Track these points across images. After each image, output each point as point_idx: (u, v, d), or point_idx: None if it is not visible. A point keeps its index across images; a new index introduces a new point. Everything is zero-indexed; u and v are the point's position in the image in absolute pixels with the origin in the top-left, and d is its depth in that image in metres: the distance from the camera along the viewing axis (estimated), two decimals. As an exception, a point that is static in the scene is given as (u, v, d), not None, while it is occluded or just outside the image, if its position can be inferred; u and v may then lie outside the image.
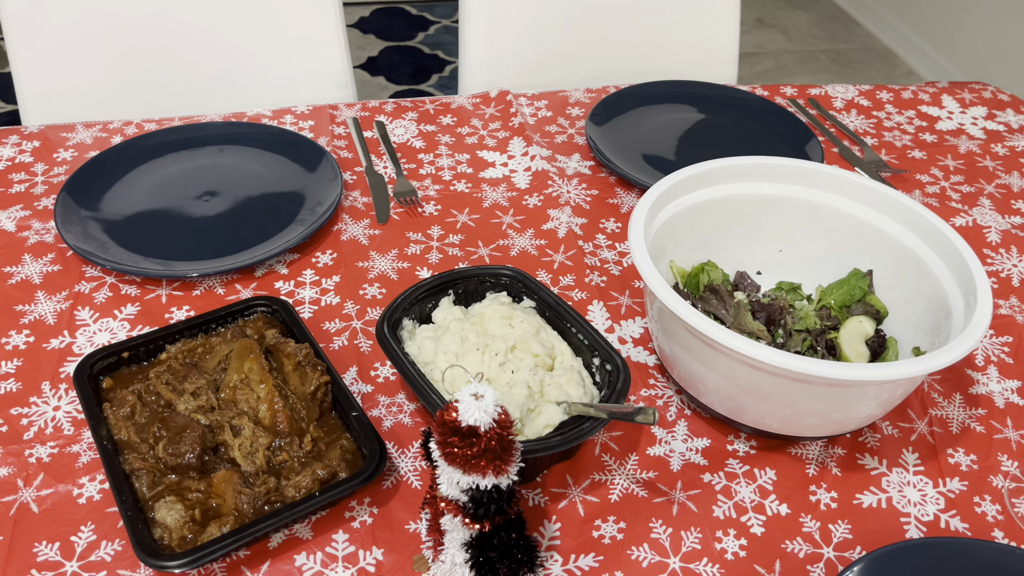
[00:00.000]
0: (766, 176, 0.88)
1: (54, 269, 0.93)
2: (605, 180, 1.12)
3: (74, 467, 0.72)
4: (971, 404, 0.83)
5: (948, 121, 1.30)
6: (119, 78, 1.31)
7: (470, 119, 1.23)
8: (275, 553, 0.67)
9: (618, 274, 0.97)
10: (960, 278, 0.76)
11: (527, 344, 0.76)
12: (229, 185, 1.06)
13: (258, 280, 0.93)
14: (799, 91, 1.34)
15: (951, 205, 1.11)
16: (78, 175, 1.02)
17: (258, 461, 0.70)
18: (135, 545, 0.62)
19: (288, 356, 0.78)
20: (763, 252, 0.91)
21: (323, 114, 1.21)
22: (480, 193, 1.08)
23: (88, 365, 0.76)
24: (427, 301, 0.82)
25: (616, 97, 1.25)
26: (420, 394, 0.70)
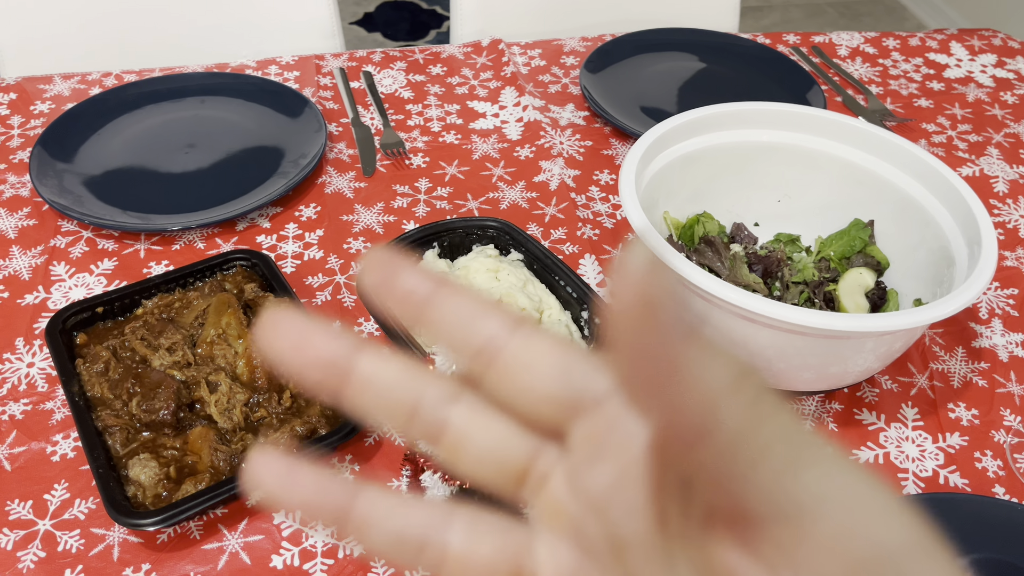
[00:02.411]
0: (764, 123, 0.84)
1: (29, 224, 0.90)
2: (600, 131, 1.09)
3: (47, 424, 0.70)
4: (973, 358, 0.81)
5: (956, 69, 1.25)
6: (99, 28, 1.27)
7: (460, 69, 1.19)
8: (253, 511, 0.65)
9: (611, 227, 0.94)
10: (964, 225, 0.73)
11: (513, 297, 0.73)
12: (210, 137, 1.02)
13: (239, 234, 0.90)
14: (802, 39, 1.29)
15: (958, 155, 1.07)
16: (54, 127, 0.99)
17: (235, 418, 0.68)
18: (107, 503, 0.60)
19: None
20: (760, 202, 0.88)
21: (309, 64, 1.17)
22: (470, 145, 1.05)
23: (61, 320, 0.73)
24: (411, 254, 0.79)
25: (612, 45, 1.20)
26: (401, 349, 0.67)
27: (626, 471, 0.22)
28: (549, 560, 0.24)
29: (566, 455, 0.23)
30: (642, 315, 0.18)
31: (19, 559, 0.61)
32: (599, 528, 0.23)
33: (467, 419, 0.23)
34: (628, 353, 0.19)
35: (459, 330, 0.22)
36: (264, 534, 0.64)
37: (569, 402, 0.22)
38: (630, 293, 0.18)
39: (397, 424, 0.23)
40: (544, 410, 0.22)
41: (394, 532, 0.23)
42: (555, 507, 0.24)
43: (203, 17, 1.29)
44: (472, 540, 0.24)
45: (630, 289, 0.18)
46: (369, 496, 0.23)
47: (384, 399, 0.23)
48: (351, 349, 0.23)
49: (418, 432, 0.23)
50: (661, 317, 0.18)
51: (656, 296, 0.18)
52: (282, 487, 0.23)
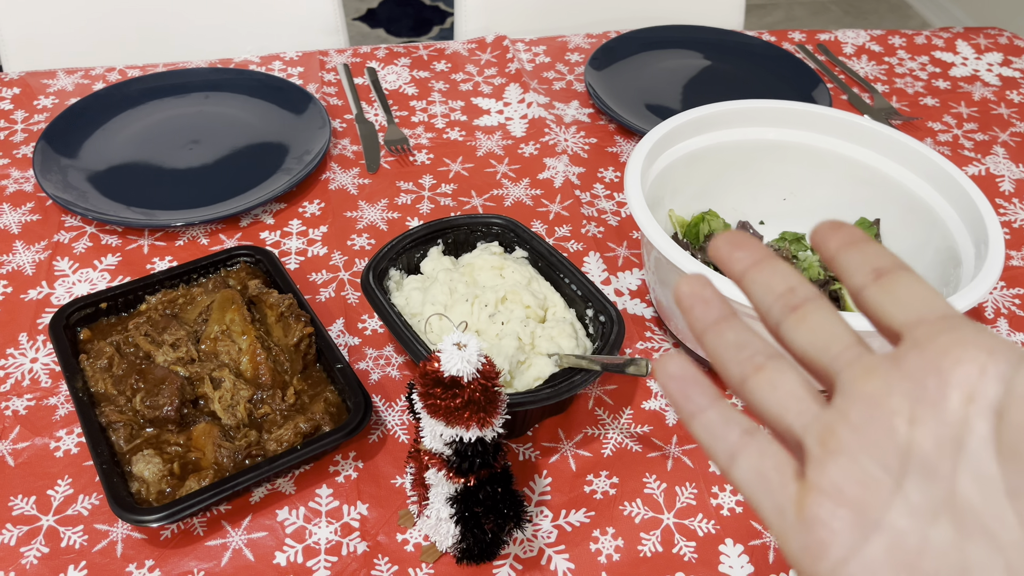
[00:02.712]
0: (769, 121, 0.84)
1: (33, 219, 0.90)
2: (604, 128, 1.08)
3: (51, 420, 0.70)
4: (979, 358, 0.80)
5: (962, 67, 1.25)
6: (103, 24, 1.26)
7: (465, 65, 1.18)
8: (257, 508, 0.65)
9: (616, 225, 0.94)
10: (971, 225, 0.73)
11: (518, 295, 0.73)
12: (214, 133, 1.02)
13: (243, 230, 0.90)
14: (808, 37, 1.29)
15: (964, 154, 1.07)
16: (57, 122, 0.98)
17: (239, 414, 0.68)
18: (110, 499, 0.60)
19: (271, 307, 0.75)
20: (766, 201, 0.88)
21: (312, 60, 1.17)
22: (474, 141, 1.04)
23: (65, 316, 0.73)
24: (415, 251, 0.79)
25: (617, 42, 1.20)
26: (406, 345, 0.67)
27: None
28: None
29: (896, 353, 0.29)
30: None
31: (22, 555, 0.61)
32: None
33: (817, 305, 0.30)
34: None
35: (868, 258, 0.30)
36: (268, 531, 0.63)
37: (920, 315, 0.28)
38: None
39: (768, 297, 0.31)
40: (902, 316, 0.29)
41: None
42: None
43: (207, 13, 1.29)
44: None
45: None
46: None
47: (772, 280, 0.32)
48: (767, 254, 0.32)
49: (781, 305, 0.31)
50: None
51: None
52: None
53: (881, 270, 0.30)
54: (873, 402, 0.27)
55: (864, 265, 0.30)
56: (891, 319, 0.29)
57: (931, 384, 0.26)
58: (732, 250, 0.33)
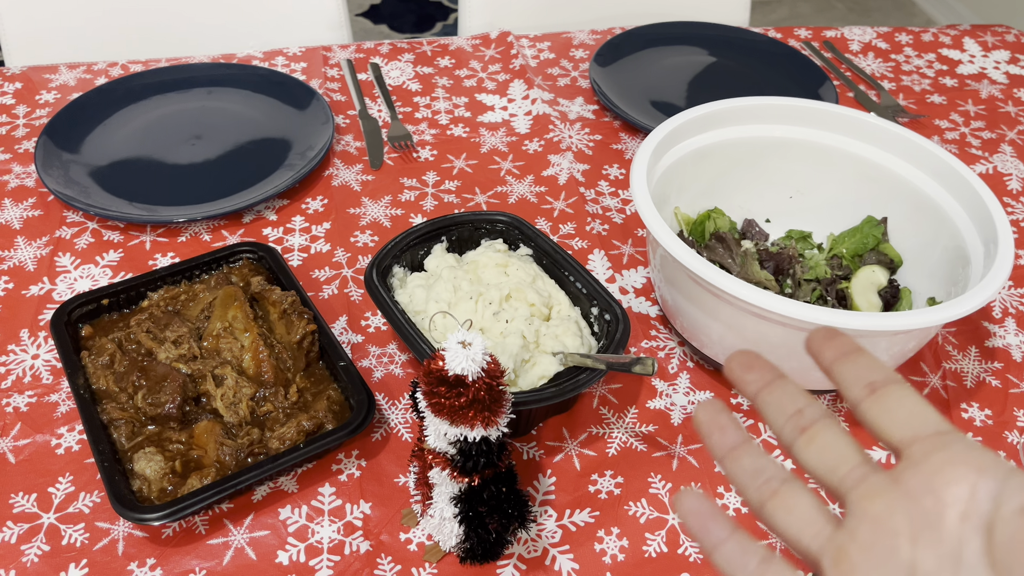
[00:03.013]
0: (776, 118, 0.83)
1: (34, 214, 0.89)
2: (609, 125, 1.08)
3: (52, 417, 0.70)
4: (987, 357, 0.80)
5: (969, 65, 1.24)
6: (106, 19, 1.26)
7: (469, 61, 1.18)
8: (259, 506, 0.65)
9: (620, 222, 0.93)
10: (980, 225, 0.72)
11: (522, 293, 0.72)
12: (217, 128, 1.02)
13: (246, 226, 0.89)
14: (814, 33, 1.28)
15: (971, 152, 1.06)
16: (59, 117, 0.98)
17: (241, 412, 0.68)
18: (111, 497, 0.59)
19: (273, 304, 0.75)
20: (772, 198, 0.87)
21: (316, 56, 1.16)
22: (478, 138, 1.04)
23: (66, 312, 0.73)
24: (419, 248, 0.78)
25: (622, 38, 1.19)
26: (409, 343, 0.67)
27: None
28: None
29: (896, 477, 0.31)
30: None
31: (23, 553, 0.61)
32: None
33: (826, 425, 0.34)
34: None
35: (862, 372, 0.34)
36: (270, 530, 0.63)
37: (915, 431, 0.32)
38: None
39: (780, 419, 0.35)
40: (897, 431, 0.32)
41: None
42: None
43: (210, 8, 1.29)
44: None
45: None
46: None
47: (782, 401, 0.35)
48: (776, 375, 0.36)
49: (791, 427, 0.34)
50: None
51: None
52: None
53: (875, 384, 0.33)
54: (878, 523, 0.30)
55: (858, 379, 0.33)
56: (888, 436, 0.32)
57: (928, 504, 0.29)
58: (744, 372, 0.36)
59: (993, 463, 0.29)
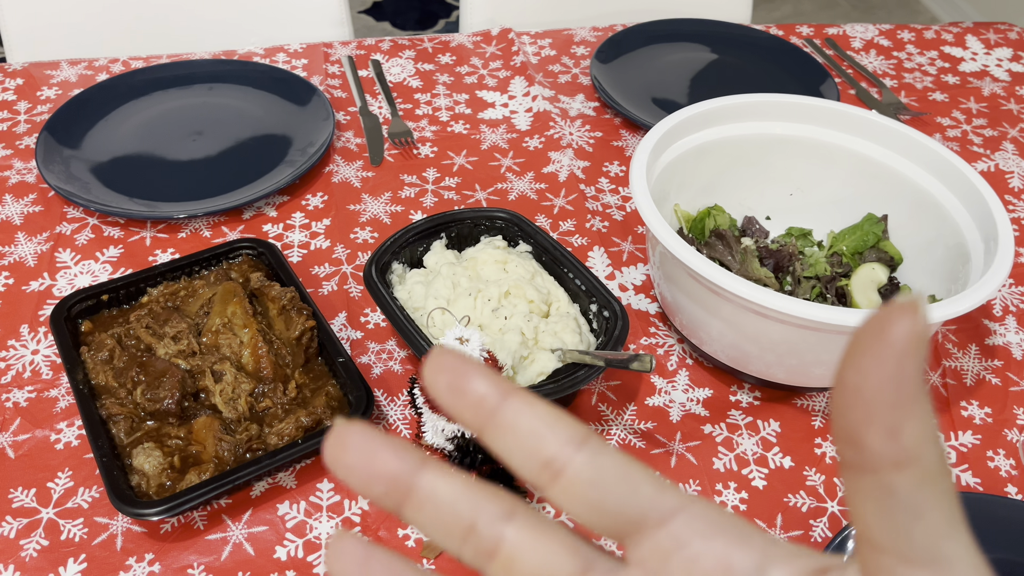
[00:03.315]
0: (776, 115, 0.83)
1: (35, 210, 0.89)
2: (610, 122, 1.08)
3: (52, 412, 0.70)
4: (987, 355, 0.80)
5: (972, 62, 1.24)
6: (107, 15, 1.26)
7: (470, 58, 1.17)
8: (257, 502, 0.65)
9: (620, 219, 0.93)
10: (980, 222, 0.72)
11: (522, 289, 0.72)
12: (217, 124, 1.02)
13: (246, 223, 0.89)
14: (816, 31, 1.28)
15: (973, 149, 1.06)
16: (60, 113, 0.98)
17: (240, 407, 0.68)
18: (110, 492, 0.60)
19: (273, 300, 0.75)
20: (772, 196, 0.87)
21: (317, 52, 1.16)
22: (479, 135, 1.04)
23: (66, 307, 0.73)
24: (418, 244, 0.78)
25: (623, 35, 1.19)
26: (408, 340, 0.67)
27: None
28: None
29: (620, 572, 0.23)
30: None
31: (22, 547, 0.61)
32: None
33: (520, 537, 0.23)
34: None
35: (527, 442, 0.23)
36: (268, 525, 0.63)
37: (634, 519, 0.23)
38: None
39: (453, 542, 0.24)
40: (608, 525, 0.23)
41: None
42: None
43: (211, 4, 1.29)
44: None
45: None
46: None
47: (442, 516, 0.23)
48: (414, 466, 0.23)
49: (472, 551, 0.24)
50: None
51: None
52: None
53: (553, 463, 0.23)
54: None
55: (530, 456, 0.23)
56: (604, 529, 0.23)
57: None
58: (365, 479, 0.23)
59: (750, 534, 0.23)
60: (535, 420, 0.23)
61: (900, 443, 0.20)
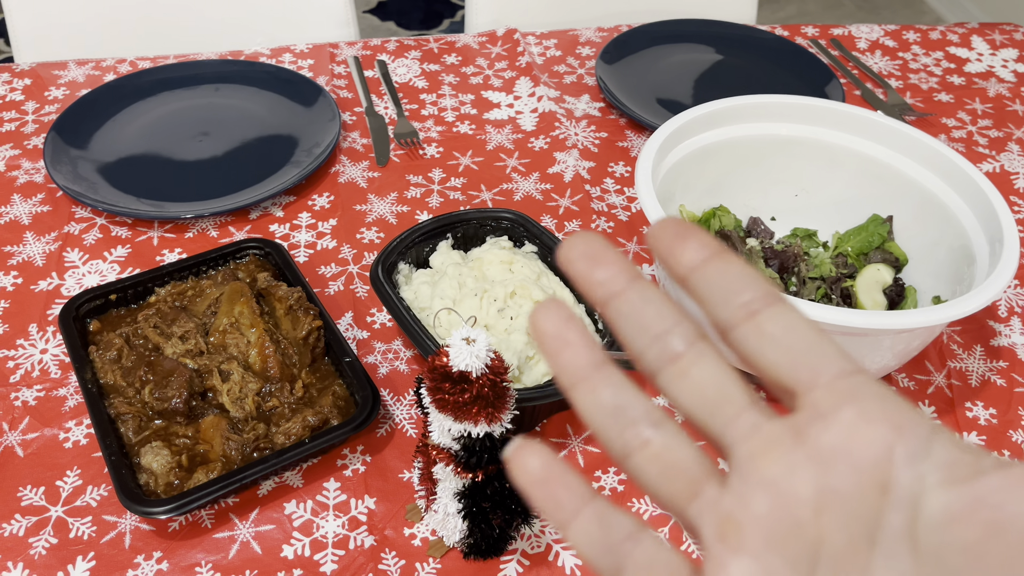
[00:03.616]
0: (782, 116, 0.83)
1: (43, 210, 0.90)
2: (615, 122, 1.08)
3: (60, 411, 0.70)
4: (992, 356, 0.80)
5: (977, 63, 1.24)
6: (114, 16, 1.26)
7: (475, 58, 1.18)
8: (264, 501, 0.65)
9: (626, 220, 0.94)
10: (986, 223, 0.72)
11: (527, 290, 0.73)
12: (224, 125, 1.02)
13: (252, 223, 0.90)
14: (821, 31, 1.28)
15: (978, 150, 1.06)
16: (68, 113, 0.99)
17: (247, 407, 0.68)
18: (119, 491, 0.60)
19: (280, 300, 0.75)
20: (778, 197, 0.87)
21: (323, 53, 1.17)
22: (484, 135, 1.04)
23: (74, 307, 0.73)
24: (424, 245, 0.79)
25: (628, 36, 1.19)
26: (414, 340, 0.67)
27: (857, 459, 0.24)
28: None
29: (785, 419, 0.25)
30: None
31: (31, 545, 0.61)
32: (801, 532, 0.24)
33: (702, 357, 0.26)
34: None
35: (731, 286, 0.26)
36: (275, 524, 0.63)
37: (812, 370, 0.25)
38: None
39: (641, 340, 0.27)
40: (785, 368, 0.25)
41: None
42: (737, 520, 0.25)
43: (218, 4, 1.29)
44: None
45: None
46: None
47: (641, 315, 0.27)
48: (631, 276, 0.27)
49: (655, 352, 0.26)
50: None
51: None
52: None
53: (753, 304, 0.25)
54: (776, 488, 0.24)
55: (730, 295, 0.26)
56: (777, 375, 0.25)
57: (840, 469, 0.24)
58: (590, 269, 0.27)
59: (913, 420, 0.24)
60: (740, 271, 0.26)
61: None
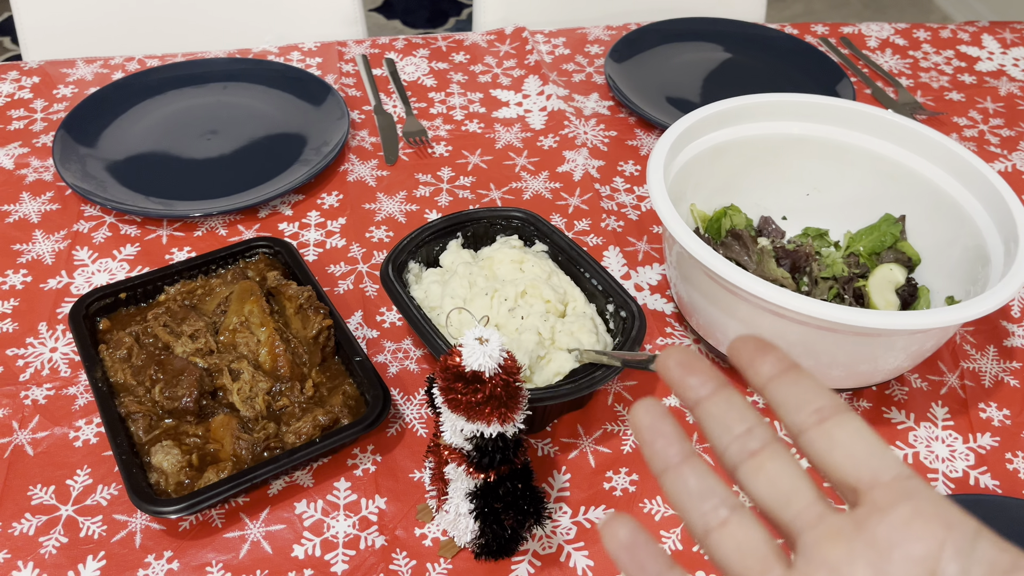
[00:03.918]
0: (793, 115, 0.83)
1: (52, 208, 0.90)
2: (624, 121, 1.07)
3: (70, 409, 0.70)
4: (1005, 357, 0.79)
5: (988, 62, 1.23)
6: (122, 14, 1.26)
7: (484, 57, 1.17)
8: (275, 500, 0.65)
9: (636, 219, 0.93)
10: (1000, 223, 0.71)
11: (538, 289, 0.72)
12: (233, 123, 1.02)
13: (261, 221, 0.89)
14: (831, 30, 1.27)
15: (990, 149, 1.05)
16: (77, 112, 0.98)
17: (257, 406, 0.68)
18: (129, 490, 0.60)
19: (290, 299, 0.75)
20: (789, 196, 0.86)
21: (331, 51, 1.16)
22: (493, 134, 1.04)
23: (84, 306, 0.73)
24: (434, 244, 0.78)
25: (637, 34, 1.19)
26: (425, 339, 0.67)
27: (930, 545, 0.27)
28: None
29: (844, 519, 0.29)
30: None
31: (41, 544, 0.61)
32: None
33: (777, 455, 0.30)
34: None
35: (805, 395, 0.30)
36: (286, 523, 0.63)
37: (874, 473, 0.28)
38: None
39: (725, 438, 0.31)
40: (850, 471, 0.29)
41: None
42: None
43: (226, 3, 1.29)
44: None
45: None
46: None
47: (727, 416, 0.31)
48: (719, 383, 0.32)
49: (736, 448, 0.30)
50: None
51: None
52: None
53: (823, 412, 0.29)
54: (836, 571, 0.27)
55: (803, 403, 0.30)
56: (842, 474, 0.29)
57: (895, 557, 0.27)
58: (684, 375, 0.32)
59: (961, 520, 0.27)
60: (814, 384, 0.30)
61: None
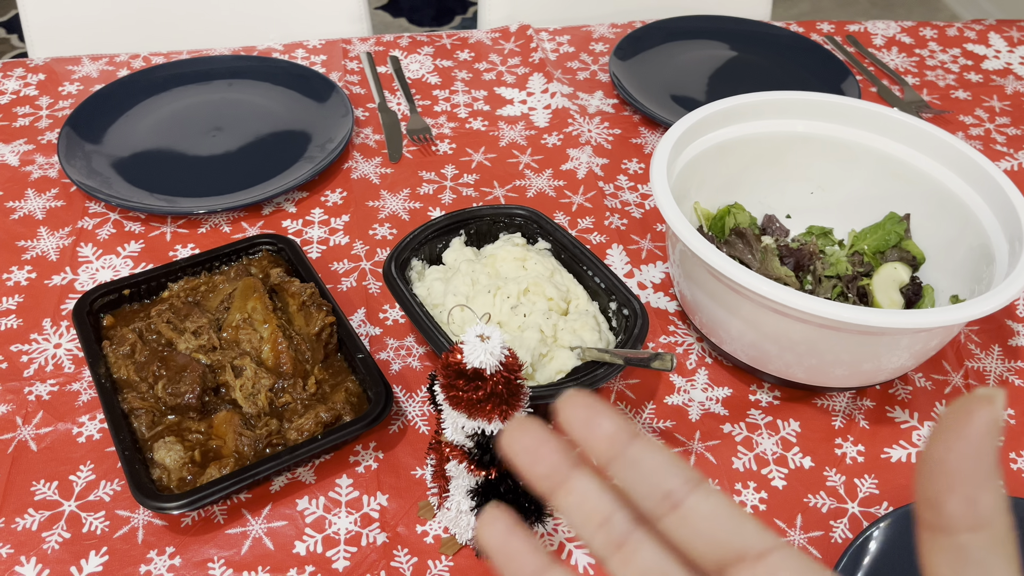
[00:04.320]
0: (798, 112, 0.83)
1: (57, 204, 0.90)
2: (629, 119, 1.07)
3: (74, 405, 0.70)
4: (1010, 356, 0.79)
5: (995, 60, 1.22)
6: (128, 11, 1.27)
7: (488, 54, 1.17)
8: (277, 497, 0.65)
9: (639, 217, 0.93)
10: (1005, 222, 0.71)
11: (541, 287, 0.72)
12: (237, 120, 1.02)
13: (265, 218, 0.90)
14: (836, 28, 1.27)
15: (996, 148, 1.05)
16: (82, 108, 0.99)
17: (260, 403, 0.68)
18: (132, 486, 0.60)
19: (293, 296, 0.75)
20: (793, 194, 0.86)
21: (336, 49, 1.16)
22: (497, 131, 1.03)
23: (88, 302, 0.73)
24: (437, 241, 0.78)
25: (642, 32, 1.19)
26: (427, 336, 0.67)
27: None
28: None
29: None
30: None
31: (44, 540, 0.61)
32: None
33: (642, 542, 0.27)
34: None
35: (652, 476, 0.27)
36: (287, 520, 0.63)
37: (737, 551, 0.26)
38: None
39: (587, 528, 0.28)
40: (712, 553, 0.26)
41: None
42: None
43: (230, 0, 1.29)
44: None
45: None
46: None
47: (584, 506, 0.28)
48: (569, 466, 0.28)
49: (602, 539, 0.28)
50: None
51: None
52: (502, 547, 0.28)
53: (673, 496, 0.27)
54: None
55: (652, 488, 0.27)
56: (704, 558, 0.27)
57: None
58: (531, 462, 0.28)
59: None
60: (659, 459, 0.27)
61: (976, 510, 0.23)
